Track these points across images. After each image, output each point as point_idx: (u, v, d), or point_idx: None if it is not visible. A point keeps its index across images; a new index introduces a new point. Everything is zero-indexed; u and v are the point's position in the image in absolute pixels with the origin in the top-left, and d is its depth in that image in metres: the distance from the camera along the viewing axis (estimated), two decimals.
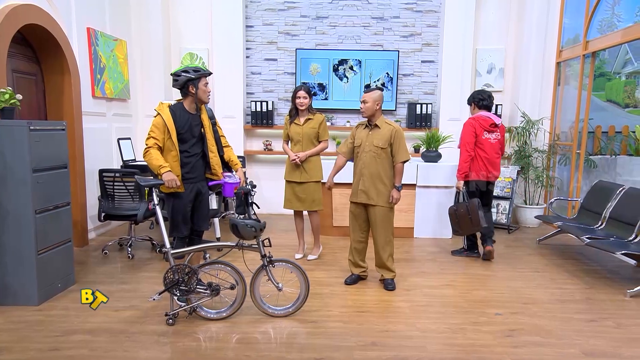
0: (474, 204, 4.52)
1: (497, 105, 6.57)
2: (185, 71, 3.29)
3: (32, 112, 4.65)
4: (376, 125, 3.86)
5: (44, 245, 3.52)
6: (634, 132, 6.40)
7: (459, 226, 4.64)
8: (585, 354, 2.91)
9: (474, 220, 4.50)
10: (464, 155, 4.63)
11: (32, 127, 3.36)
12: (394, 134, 3.80)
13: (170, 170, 3.22)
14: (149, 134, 3.29)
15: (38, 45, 4.68)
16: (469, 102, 4.84)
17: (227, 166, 3.65)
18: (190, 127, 3.38)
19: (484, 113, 4.71)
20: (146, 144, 3.28)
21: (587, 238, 4.28)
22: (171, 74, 3.37)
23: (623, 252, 3.97)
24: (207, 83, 3.39)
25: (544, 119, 6.36)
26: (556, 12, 6.31)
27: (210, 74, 3.42)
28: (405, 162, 3.85)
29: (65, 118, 4.83)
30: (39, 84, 4.78)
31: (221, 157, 3.58)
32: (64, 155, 3.74)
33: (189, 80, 3.30)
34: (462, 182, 4.66)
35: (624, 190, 4.71)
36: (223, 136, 3.67)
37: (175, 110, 3.35)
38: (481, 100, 4.73)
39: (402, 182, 3.90)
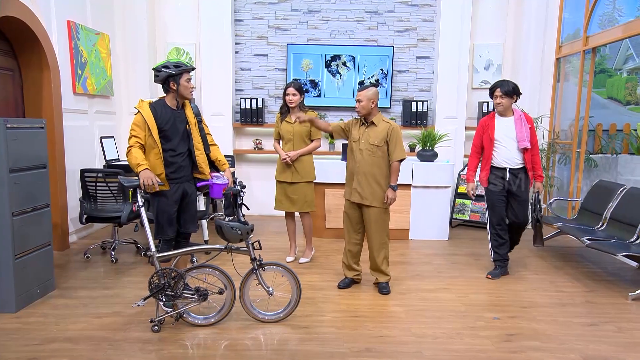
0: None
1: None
2: (166, 67, 3.22)
3: (9, 109, 4.53)
4: (372, 123, 3.79)
5: (21, 249, 3.41)
6: (635, 130, 6.36)
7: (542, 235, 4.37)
8: (585, 359, 2.88)
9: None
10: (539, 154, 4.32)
11: (8, 125, 3.26)
12: (390, 131, 3.74)
13: (147, 168, 3.14)
14: (130, 133, 3.23)
15: (15, 39, 4.55)
16: (511, 93, 4.16)
17: (213, 166, 3.56)
18: (174, 124, 3.30)
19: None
20: (128, 144, 3.22)
21: (587, 239, 4.23)
22: (153, 69, 3.30)
23: (624, 253, 3.92)
24: (189, 79, 3.31)
25: (543, 116, 6.29)
26: (556, 6, 6.25)
27: (192, 69, 3.34)
28: (401, 161, 3.77)
29: (45, 115, 4.73)
30: (16, 79, 4.66)
31: (207, 155, 3.50)
32: (43, 155, 3.64)
33: (170, 76, 3.23)
34: None
35: (625, 190, 4.66)
36: (209, 134, 3.58)
37: (157, 107, 3.28)
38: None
39: (397, 182, 3.82)
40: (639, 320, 3.43)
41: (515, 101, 4.22)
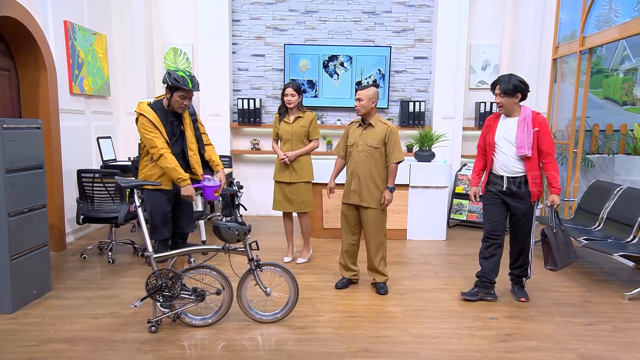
0: (568, 229, 3.74)
1: (492, 103, 6.50)
2: (169, 74, 3.15)
3: (5, 110, 4.51)
4: (370, 124, 3.79)
5: (18, 249, 3.39)
6: (632, 130, 6.36)
7: (560, 257, 3.59)
8: (582, 358, 2.88)
9: (570, 250, 3.62)
10: (555, 162, 3.64)
11: (5, 125, 3.25)
12: (388, 133, 3.74)
13: (190, 184, 3.17)
14: (148, 137, 3.11)
15: (12, 39, 4.52)
16: (512, 92, 3.53)
17: (208, 166, 3.51)
18: (170, 125, 3.28)
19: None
20: (155, 146, 3.10)
21: (584, 239, 4.22)
22: (168, 70, 3.26)
23: (621, 253, 3.93)
24: (184, 96, 3.19)
25: None
26: (552, 7, 6.26)
27: (191, 89, 3.19)
28: (399, 162, 3.77)
29: (41, 116, 4.69)
30: (12, 79, 4.64)
31: (202, 155, 3.46)
32: (39, 155, 3.62)
33: (167, 85, 3.17)
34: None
35: (621, 190, 4.66)
36: (205, 134, 3.54)
37: (154, 108, 3.25)
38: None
39: (395, 183, 3.81)
40: (635, 320, 3.43)
41: (521, 100, 3.61)
